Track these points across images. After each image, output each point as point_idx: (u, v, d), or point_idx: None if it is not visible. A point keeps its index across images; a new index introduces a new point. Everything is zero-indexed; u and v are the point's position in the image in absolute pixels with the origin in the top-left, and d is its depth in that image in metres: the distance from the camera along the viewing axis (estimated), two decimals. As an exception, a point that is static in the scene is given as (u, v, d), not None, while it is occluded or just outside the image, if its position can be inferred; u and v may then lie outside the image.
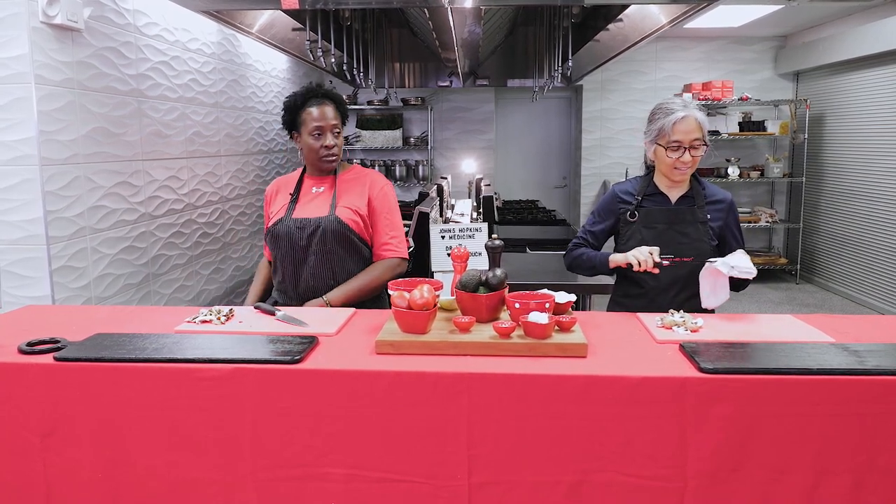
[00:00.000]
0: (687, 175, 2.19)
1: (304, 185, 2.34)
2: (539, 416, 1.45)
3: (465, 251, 1.94)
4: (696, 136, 2.12)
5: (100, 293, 2.95)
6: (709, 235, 2.18)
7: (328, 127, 2.23)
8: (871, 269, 6.09)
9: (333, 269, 2.23)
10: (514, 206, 6.48)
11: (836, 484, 1.44)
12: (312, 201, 2.29)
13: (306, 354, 1.56)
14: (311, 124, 2.22)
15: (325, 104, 2.24)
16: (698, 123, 2.12)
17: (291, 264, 2.24)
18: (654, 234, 2.19)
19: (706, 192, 2.24)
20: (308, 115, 2.22)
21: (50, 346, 1.61)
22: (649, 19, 3.80)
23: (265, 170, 5.24)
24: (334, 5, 3.25)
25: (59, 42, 2.66)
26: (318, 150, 2.24)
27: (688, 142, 2.12)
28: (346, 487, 1.50)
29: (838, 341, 1.65)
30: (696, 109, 2.15)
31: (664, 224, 2.20)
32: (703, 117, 2.15)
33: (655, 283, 2.19)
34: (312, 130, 2.22)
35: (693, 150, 2.12)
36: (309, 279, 2.23)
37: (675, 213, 2.20)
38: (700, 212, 2.19)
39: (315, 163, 2.29)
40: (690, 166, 2.15)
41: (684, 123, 2.11)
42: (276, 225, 2.26)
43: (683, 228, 2.18)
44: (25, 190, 2.56)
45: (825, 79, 6.81)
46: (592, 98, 7.57)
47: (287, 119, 2.29)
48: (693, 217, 2.19)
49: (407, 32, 6.55)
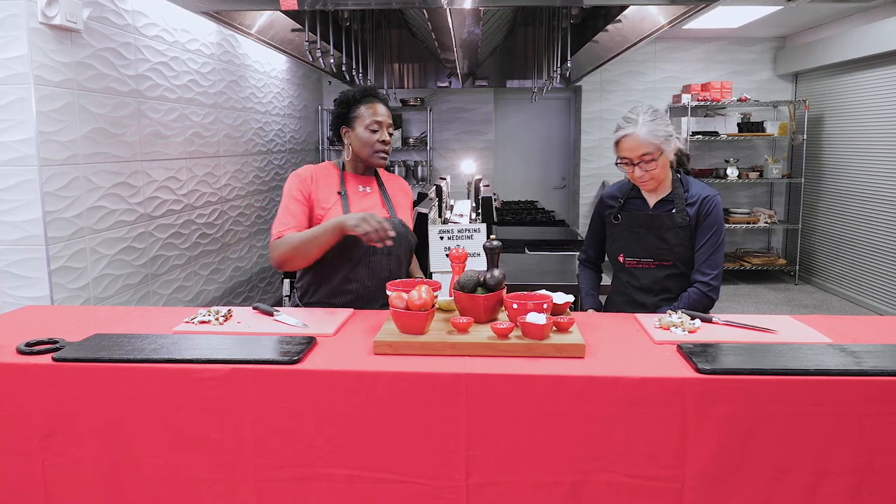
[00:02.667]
0: (652, 185, 2.15)
1: (349, 183, 2.29)
2: (537, 417, 1.45)
3: (464, 252, 1.94)
4: (642, 151, 2.06)
5: (98, 294, 2.95)
6: (689, 240, 2.14)
7: (385, 123, 2.25)
8: (870, 270, 6.09)
9: (391, 270, 2.23)
10: (513, 207, 6.48)
11: (836, 484, 1.44)
12: (363, 200, 2.28)
13: (305, 355, 1.56)
14: (370, 118, 2.22)
15: (381, 104, 2.27)
16: (642, 140, 2.05)
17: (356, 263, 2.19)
18: (636, 238, 2.19)
19: (689, 192, 2.16)
20: (368, 110, 2.23)
21: (48, 346, 1.61)
22: (648, 20, 3.80)
23: (264, 170, 5.24)
24: (333, 6, 3.25)
25: (59, 43, 2.66)
26: (374, 144, 2.23)
27: (635, 158, 2.08)
28: (346, 488, 1.50)
29: (836, 342, 1.65)
30: (644, 124, 2.06)
31: (644, 229, 2.18)
32: (650, 131, 2.05)
33: (637, 284, 2.20)
34: (371, 124, 2.22)
35: (644, 164, 2.08)
36: (367, 279, 2.20)
37: (653, 219, 2.17)
38: (679, 216, 2.13)
39: (367, 157, 2.25)
40: (652, 178, 2.11)
41: (626, 142, 2.08)
42: None
43: (662, 234, 2.15)
44: (24, 190, 2.57)
45: (824, 80, 6.82)
46: (592, 99, 7.57)
47: (341, 112, 2.28)
48: (671, 223, 2.14)
49: (406, 33, 6.56)
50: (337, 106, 2.30)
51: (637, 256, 2.19)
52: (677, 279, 2.18)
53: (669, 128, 2.11)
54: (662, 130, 2.08)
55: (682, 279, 2.18)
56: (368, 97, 2.26)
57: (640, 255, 2.18)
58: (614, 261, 2.28)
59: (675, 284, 2.17)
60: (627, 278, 2.22)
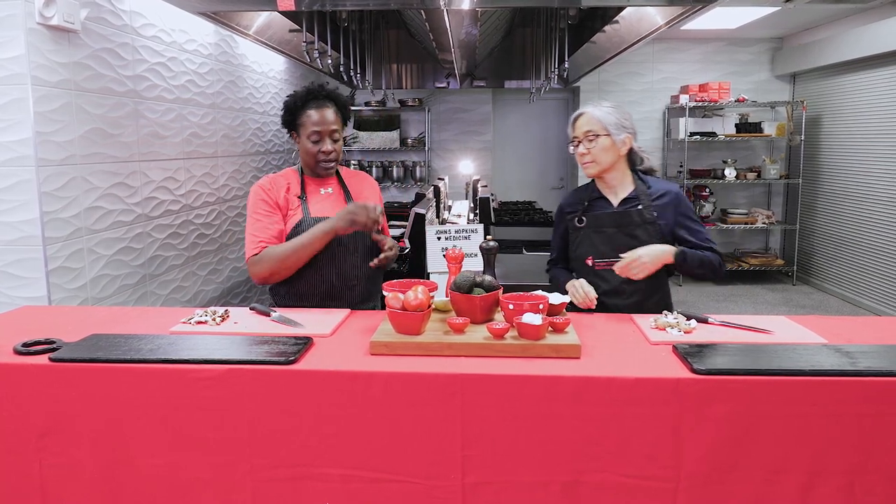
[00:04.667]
0: (594, 169, 2.17)
1: (309, 186, 2.27)
2: (533, 417, 1.46)
3: (460, 252, 1.94)
4: (587, 128, 2.14)
5: (96, 294, 2.95)
6: (659, 235, 2.13)
7: (326, 132, 2.17)
8: (868, 271, 6.10)
9: (359, 268, 2.20)
10: (511, 207, 6.48)
11: (830, 484, 1.45)
12: (324, 201, 2.25)
13: (301, 355, 1.56)
14: (310, 128, 2.16)
15: (326, 107, 2.18)
16: (591, 117, 2.15)
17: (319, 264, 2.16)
18: (604, 239, 2.18)
19: (651, 189, 2.19)
20: (307, 119, 2.16)
21: (45, 346, 1.62)
22: (646, 21, 3.81)
23: (262, 171, 5.24)
24: (331, 7, 3.25)
25: (56, 43, 2.66)
26: (316, 155, 2.19)
27: (581, 135, 2.15)
28: (343, 487, 1.50)
29: (831, 342, 1.66)
30: (600, 108, 2.16)
31: (612, 228, 2.17)
32: (603, 113, 2.14)
33: (608, 288, 2.16)
34: (310, 135, 2.16)
35: (588, 141, 2.14)
36: (334, 278, 2.18)
37: (621, 216, 2.17)
38: (647, 212, 2.14)
39: (312, 167, 2.24)
40: (594, 160, 2.15)
41: (578, 120, 2.19)
42: (298, 227, 2.16)
43: (632, 231, 2.14)
44: (22, 191, 2.56)
45: (822, 80, 6.83)
46: (590, 99, 7.50)
47: (286, 119, 2.23)
48: (641, 218, 2.14)
49: (404, 33, 6.56)
50: (283, 110, 2.23)
51: (606, 257, 2.16)
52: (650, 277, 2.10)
53: (626, 122, 2.17)
54: (615, 117, 2.15)
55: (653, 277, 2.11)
56: (312, 101, 2.18)
57: (610, 256, 2.13)
58: (581, 266, 2.22)
59: (646, 283, 2.11)
60: (597, 281, 2.16)
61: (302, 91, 2.21)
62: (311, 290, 2.20)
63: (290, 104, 2.21)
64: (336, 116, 2.21)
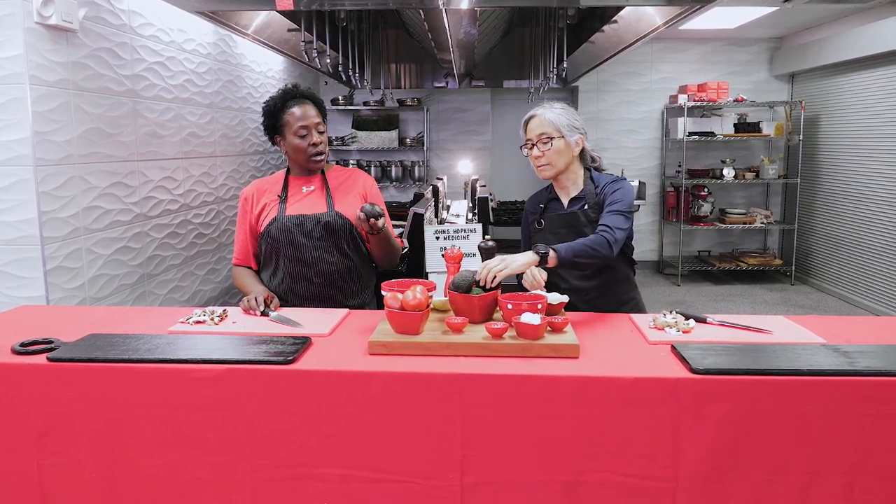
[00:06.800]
0: (549, 171, 2.17)
1: (292, 186, 2.30)
2: (531, 417, 1.46)
3: (459, 252, 1.94)
4: (540, 131, 2.13)
5: (94, 294, 2.95)
6: None
7: (312, 125, 2.21)
8: (866, 271, 6.11)
9: (338, 264, 2.20)
10: (510, 207, 6.48)
11: (830, 484, 1.45)
12: (304, 200, 2.26)
13: (299, 355, 1.56)
14: (296, 124, 2.20)
15: (306, 104, 2.23)
16: (544, 120, 2.14)
17: (296, 263, 2.19)
18: (558, 239, 2.14)
19: (597, 187, 2.18)
20: (291, 116, 2.20)
21: (43, 346, 1.61)
22: (645, 20, 3.81)
23: (261, 170, 5.24)
24: (330, 6, 3.25)
25: (54, 42, 2.66)
26: (306, 149, 2.21)
27: (535, 138, 2.15)
28: (341, 487, 1.50)
29: (829, 342, 1.66)
30: (552, 110, 2.14)
31: (564, 229, 2.18)
32: (555, 115, 2.13)
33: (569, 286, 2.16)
34: (298, 130, 2.20)
35: (542, 144, 2.13)
36: (314, 276, 2.19)
37: (570, 217, 2.18)
38: (591, 211, 2.15)
39: (303, 163, 2.26)
40: (549, 162, 2.14)
41: (531, 122, 2.18)
42: (271, 225, 2.19)
43: (581, 230, 2.14)
44: (20, 190, 2.56)
45: (820, 80, 6.84)
46: (588, 99, 7.58)
47: (268, 124, 2.27)
48: (586, 218, 2.15)
49: (403, 33, 6.56)
50: (263, 117, 2.27)
51: None
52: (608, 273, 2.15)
53: (578, 123, 2.17)
54: (567, 119, 2.15)
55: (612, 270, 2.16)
56: (290, 100, 2.23)
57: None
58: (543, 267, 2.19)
59: (605, 279, 2.15)
60: (557, 281, 2.17)
61: (278, 94, 2.26)
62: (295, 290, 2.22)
63: (271, 106, 2.25)
64: (317, 111, 2.26)
